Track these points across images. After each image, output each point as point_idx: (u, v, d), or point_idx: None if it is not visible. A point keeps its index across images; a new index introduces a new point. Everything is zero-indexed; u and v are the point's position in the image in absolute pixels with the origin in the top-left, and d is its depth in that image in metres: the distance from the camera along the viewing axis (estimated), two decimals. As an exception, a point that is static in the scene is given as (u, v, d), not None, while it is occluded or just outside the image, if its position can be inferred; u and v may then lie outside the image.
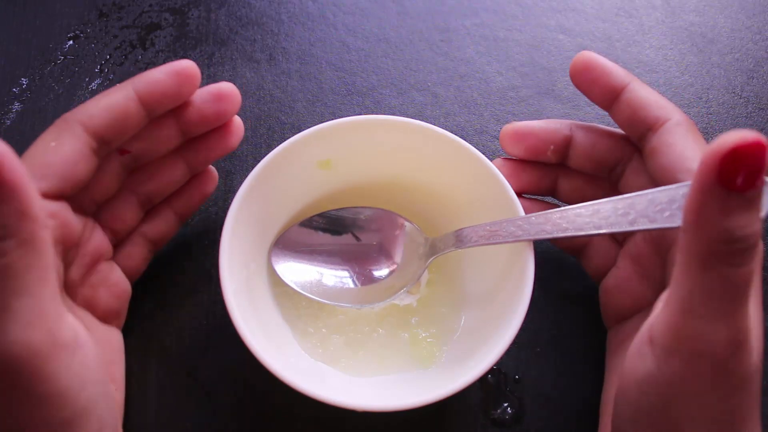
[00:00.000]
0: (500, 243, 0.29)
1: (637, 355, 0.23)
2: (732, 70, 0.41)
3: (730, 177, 0.19)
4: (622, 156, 0.30)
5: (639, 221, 0.25)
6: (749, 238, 0.20)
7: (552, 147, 0.31)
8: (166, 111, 0.28)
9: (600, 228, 0.26)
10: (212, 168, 0.33)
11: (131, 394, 0.31)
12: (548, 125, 0.31)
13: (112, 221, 0.29)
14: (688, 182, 0.25)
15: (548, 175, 0.32)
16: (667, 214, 0.24)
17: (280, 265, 0.31)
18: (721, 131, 0.39)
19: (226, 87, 0.30)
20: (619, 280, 0.29)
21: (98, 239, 0.28)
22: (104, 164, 0.28)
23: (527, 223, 0.28)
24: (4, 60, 0.40)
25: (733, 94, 0.40)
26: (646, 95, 0.29)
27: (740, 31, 0.42)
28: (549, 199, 0.34)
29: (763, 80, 0.41)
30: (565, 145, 0.31)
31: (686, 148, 0.27)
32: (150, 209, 0.31)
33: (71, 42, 0.41)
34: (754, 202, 0.20)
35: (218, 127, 0.31)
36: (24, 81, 0.39)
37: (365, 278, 0.32)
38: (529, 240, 0.28)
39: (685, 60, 0.41)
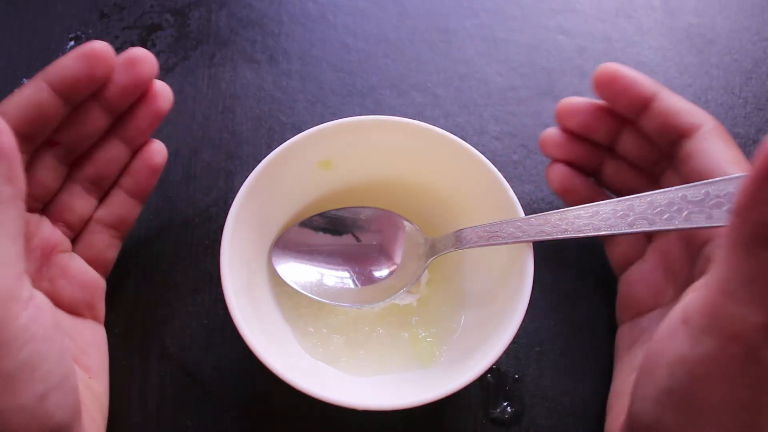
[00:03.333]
0: (500, 244, 0.29)
1: (668, 336, 0.23)
2: (731, 71, 0.41)
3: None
4: (666, 154, 0.30)
5: (638, 223, 0.25)
6: None
7: (605, 128, 0.32)
8: (84, 96, 0.28)
9: (599, 230, 0.26)
10: (156, 140, 0.32)
11: (131, 393, 0.31)
12: (605, 107, 0.32)
13: (62, 213, 0.29)
14: (688, 185, 0.25)
15: (596, 153, 0.33)
16: (665, 216, 0.24)
17: (281, 266, 0.32)
18: (720, 132, 0.39)
19: (137, 51, 0.29)
20: (644, 272, 0.30)
21: (46, 233, 0.29)
22: (37, 160, 0.28)
23: (527, 225, 0.28)
24: (5, 61, 0.40)
25: (731, 95, 0.40)
26: (676, 103, 0.29)
27: (739, 31, 0.42)
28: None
29: (761, 81, 0.41)
30: (617, 129, 0.32)
31: (722, 152, 0.27)
32: (104, 196, 0.31)
33: (72, 43, 0.41)
34: None
35: (143, 96, 0.30)
36: (25, 81, 0.39)
37: (365, 278, 0.32)
38: (528, 241, 0.28)
39: (684, 61, 0.41)
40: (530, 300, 0.27)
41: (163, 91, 0.31)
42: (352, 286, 0.32)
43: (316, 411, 0.31)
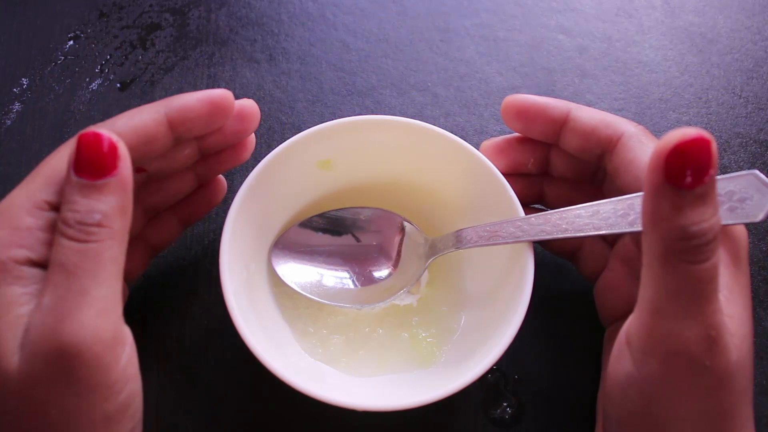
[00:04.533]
0: (500, 244, 0.29)
1: (617, 358, 0.23)
2: (731, 70, 0.41)
3: (677, 174, 0.19)
4: (600, 161, 0.30)
5: (638, 222, 0.25)
6: (706, 233, 0.20)
7: (531, 160, 0.31)
8: (193, 137, 0.28)
9: (600, 229, 0.26)
10: (222, 178, 0.33)
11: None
12: (522, 142, 0.31)
13: None
14: None
15: (533, 185, 0.33)
16: None
17: (281, 266, 0.31)
18: (720, 131, 0.39)
19: (249, 106, 0.29)
20: (611, 280, 0.30)
21: None
22: None
23: (527, 224, 0.28)
24: (4, 60, 0.40)
25: (732, 94, 0.40)
26: (589, 118, 0.29)
27: (740, 31, 0.42)
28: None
29: (762, 80, 0.41)
30: (544, 155, 0.31)
31: (646, 158, 0.26)
32: (154, 215, 0.31)
33: (72, 42, 0.41)
34: (705, 197, 0.20)
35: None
36: (24, 81, 0.39)
37: (365, 279, 0.32)
38: (528, 241, 0.28)
39: (685, 60, 0.41)
40: (531, 300, 0.27)
41: (252, 144, 0.31)
42: (351, 286, 0.32)
43: (316, 412, 0.31)
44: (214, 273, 0.34)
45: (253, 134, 0.31)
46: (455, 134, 0.31)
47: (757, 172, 0.23)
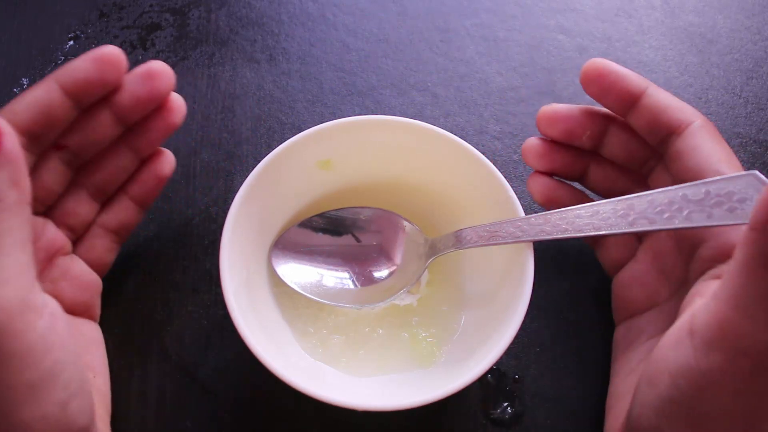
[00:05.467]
0: (500, 244, 0.29)
1: (673, 346, 0.23)
2: (731, 71, 0.41)
3: None
4: (655, 152, 0.30)
5: (638, 222, 0.25)
6: None
7: (588, 132, 0.31)
8: (94, 100, 0.28)
9: (599, 229, 0.26)
10: (166, 150, 0.32)
11: (131, 393, 0.31)
12: (587, 110, 0.31)
13: (66, 217, 0.29)
14: (688, 184, 0.25)
15: (580, 160, 0.32)
16: (666, 215, 0.24)
17: (281, 266, 0.32)
18: (720, 131, 0.39)
19: (156, 65, 0.29)
20: (637, 273, 0.30)
21: (50, 236, 0.29)
22: (43, 163, 0.28)
23: (527, 224, 0.28)
24: (4, 60, 0.40)
25: (732, 95, 0.40)
26: (665, 99, 0.29)
27: (739, 31, 0.42)
28: (576, 186, 0.34)
29: (762, 80, 0.41)
30: (601, 132, 0.31)
31: (712, 150, 0.27)
32: (107, 200, 0.31)
33: (72, 42, 0.41)
34: None
35: (157, 108, 0.30)
36: (25, 81, 0.39)
37: (365, 279, 0.32)
38: (528, 241, 0.28)
39: (685, 60, 0.41)
40: (530, 300, 0.27)
41: (177, 105, 0.30)
42: (351, 286, 0.32)
43: (316, 411, 0.31)
44: (215, 273, 0.34)
45: (178, 97, 0.30)
46: (455, 134, 0.31)
47: (756, 172, 0.23)
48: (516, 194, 0.30)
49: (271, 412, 0.31)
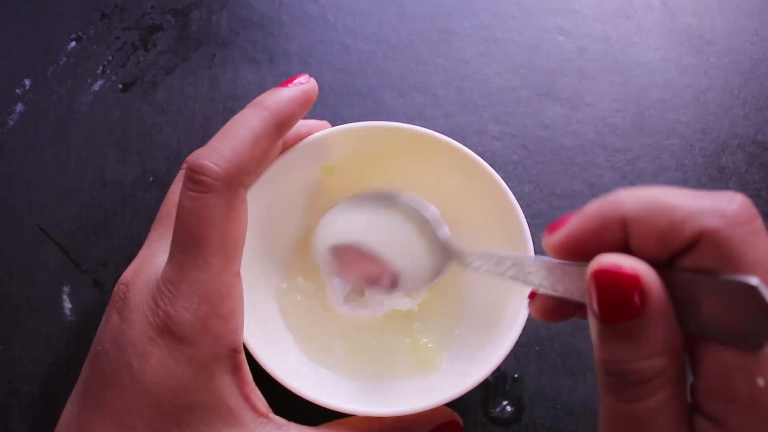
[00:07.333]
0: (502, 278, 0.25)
1: None
2: (730, 72, 0.41)
3: (595, 305, 0.16)
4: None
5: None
6: (636, 373, 0.16)
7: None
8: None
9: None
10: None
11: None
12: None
13: None
14: None
15: None
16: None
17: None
18: (718, 132, 0.39)
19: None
20: None
21: None
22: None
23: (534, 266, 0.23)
24: (6, 61, 0.40)
25: (730, 96, 0.40)
26: (649, 211, 0.19)
27: (738, 32, 0.42)
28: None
29: (760, 81, 0.41)
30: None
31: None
32: None
33: (74, 43, 0.41)
34: (630, 336, 0.16)
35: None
36: (27, 82, 0.39)
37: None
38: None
39: (683, 61, 0.41)
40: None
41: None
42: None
43: (318, 417, 0.31)
44: (216, 273, 0.34)
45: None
46: (455, 135, 0.31)
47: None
48: (515, 195, 0.30)
49: (273, 411, 0.31)
